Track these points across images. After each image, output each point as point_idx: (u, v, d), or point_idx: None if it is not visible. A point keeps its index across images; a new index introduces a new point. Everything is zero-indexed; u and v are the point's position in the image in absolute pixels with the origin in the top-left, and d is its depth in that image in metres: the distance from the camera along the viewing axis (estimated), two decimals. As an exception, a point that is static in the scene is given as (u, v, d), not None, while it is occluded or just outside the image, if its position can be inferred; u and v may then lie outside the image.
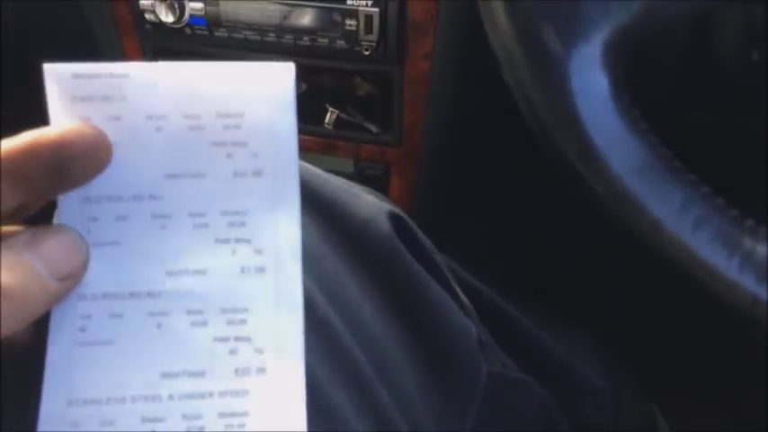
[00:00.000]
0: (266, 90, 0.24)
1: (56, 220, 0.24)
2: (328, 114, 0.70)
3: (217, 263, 0.24)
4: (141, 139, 0.23)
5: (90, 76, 0.23)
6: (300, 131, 0.24)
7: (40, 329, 0.23)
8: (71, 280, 0.22)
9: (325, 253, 0.35)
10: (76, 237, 0.23)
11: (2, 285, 0.20)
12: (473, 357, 0.41)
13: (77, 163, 0.22)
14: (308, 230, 0.25)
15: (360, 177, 0.73)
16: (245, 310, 0.24)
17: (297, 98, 0.24)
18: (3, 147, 0.20)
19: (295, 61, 0.24)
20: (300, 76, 0.73)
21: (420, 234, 0.41)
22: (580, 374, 0.55)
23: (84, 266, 0.23)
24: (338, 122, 0.70)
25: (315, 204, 0.35)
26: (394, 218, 0.38)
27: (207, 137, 0.23)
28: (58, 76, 0.23)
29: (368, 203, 0.38)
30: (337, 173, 0.72)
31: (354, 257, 0.36)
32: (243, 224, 0.24)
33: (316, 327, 0.28)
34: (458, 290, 0.43)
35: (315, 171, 0.38)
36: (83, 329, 0.23)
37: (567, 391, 0.52)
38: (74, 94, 0.23)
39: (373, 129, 0.71)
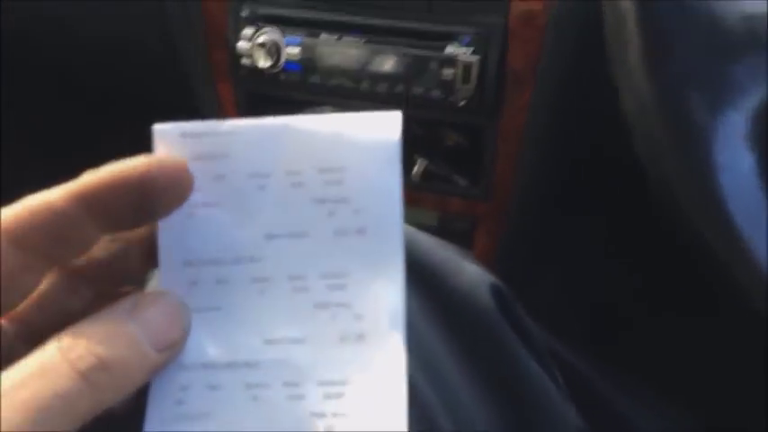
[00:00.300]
0: (370, 142, 0.23)
1: (155, 284, 0.23)
2: (416, 165, 0.67)
3: (316, 330, 0.22)
4: (243, 199, 0.23)
5: (196, 135, 0.23)
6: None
7: (138, 398, 0.22)
8: (172, 350, 0.21)
9: (423, 327, 0.33)
10: (179, 304, 0.22)
11: (103, 358, 0.19)
12: None
13: (161, 196, 0.21)
14: (406, 300, 0.23)
15: (445, 231, 0.70)
16: (344, 383, 0.22)
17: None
18: (87, 180, 0.20)
19: (387, 109, 0.23)
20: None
21: (520, 308, 0.38)
22: None
23: (185, 335, 0.22)
24: (425, 174, 0.68)
25: (414, 272, 0.33)
26: (496, 290, 0.36)
27: (308, 194, 0.23)
28: (166, 136, 0.23)
29: (471, 274, 0.35)
30: (421, 226, 0.69)
31: (453, 332, 0.34)
32: (343, 287, 0.23)
33: (415, 410, 0.26)
34: (556, 372, 0.39)
35: (417, 235, 0.35)
36: (180, 402, 0.22)
37: None
38: (180, 153, 0.23)
39: (462, 182, 0.68)
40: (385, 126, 0.23)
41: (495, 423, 0.34)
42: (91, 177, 0.20)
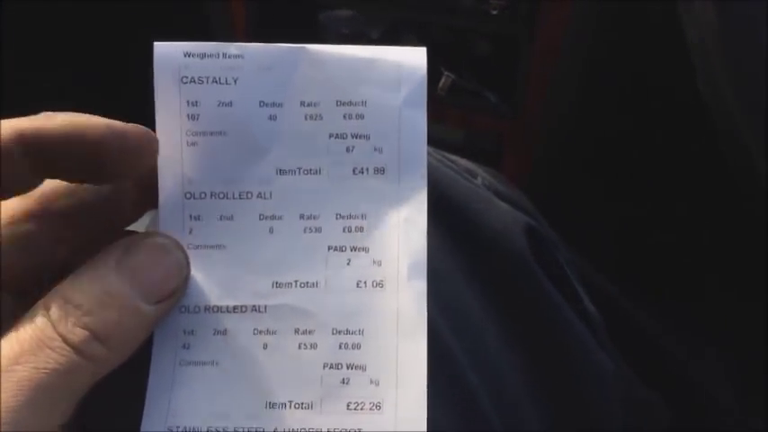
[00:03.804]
0: (394, 77, 0.21)
1: (155, 218, 0.21)
2: (443, 79, 0.62)
3: (329, 274, 0.21)
4: (252, 129, 0.21)
5: (201, 56, 0.21)
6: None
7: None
8: (171, 300, 0.20)
9: (449, 268, 0.30)
10: (174, 247, 0.20)
11: (94, 329, 0.17)
12: (608, 402, 0.35)
13: (114, 165, 0.19)
14: (430, 240, 0.22)
15: (470, 150, 0.66)
16: (360, 332, 0.21)
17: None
18: (37, 125, 0.18)
19: (410, 16, 0.19)
20: (413, 31, 0.66)
21: (556, 250, 0.35)
22: (710, 392, 0.50)
23: (184, 283, 0.20)
24: (452, 88, 0.63)
25: (440, 209, 0.30)
26: (530, 231, 0.33)
27: (325, 128, 0.21)
28: (167, 55, 0.21)
29: (500, 213, 0.33)
30: (445, 143, 0.65)
31: (482, 276, 0.31)
32: (360, 230, 0.21)
33: (437, 359, 0.24)
34: (592, 314, 0.37)
35: (441, 170, 0.32)
36: (186, 347, 0.21)
37: (695, 409, 0.47)
38: (183, 75, 0.21)
39: (491, 97, 0.63)
40: (410, 61, 0.21)
41: (522, 370, 0.32)
42: (43, 123, 0.18)
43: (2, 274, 0.19)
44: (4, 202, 0.19)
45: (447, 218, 0.30)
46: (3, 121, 0.18)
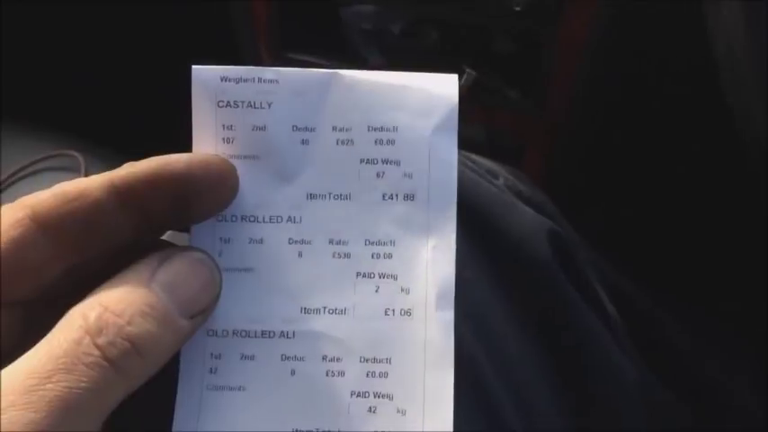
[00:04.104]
0: (426, 104, 0.22)
1: (172, 237, 0.22)
2: (464, 76, 0.61)
3: (358, 301, 0.21)
4: (284, 153, 0.21)
5: (237, 80, 0.21)
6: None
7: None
8: (203, 316, 0.20)
9: (471, 273, 0.31)
10: (211, 266, 0.20)
11: (135, 341, 0.17)
12: (630, 405, 0.35)
13: (201, 199, 0.20)
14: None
15: (491, 149, 0.65)
16: (388, 360, 0.21)
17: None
18: (124, 172, 0.19)
19: (431, 11, 0.19)
20: (434, 26, 0.65)
21: (578, 253, 0.34)
22: (731, 393, 0.49)
23: (217, 299, 0.20)
24: (473, 85, 0.62)
25: (462, 214, 0.31)
26: (553, 237, 0.33)
27: (356, 153, 0.22)
28: (205, 79, 0.21)
29: (524, 218, 0.33)
30: (467, 141, 0.65)
31: (506, 281, 0.31)
32: (389, 256, 0.21)
33: (461, 367, 0.24)
34: (616, 320, 0.37)
35: (464, 172, 0.32)
36: (213, 371, 0.21)
37: (715, 410, 0.47)
38: (219, 99, 0.21)
39: (513, 95, 0.62)
40: (441, 89, 0.21)
41: (544, 374, 0.32)
42: (130, 169, 0.19)
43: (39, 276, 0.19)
44: (38, 199, 0.19)
45: (470, 223, 0.30)
46: (92, 177, 0.18)
